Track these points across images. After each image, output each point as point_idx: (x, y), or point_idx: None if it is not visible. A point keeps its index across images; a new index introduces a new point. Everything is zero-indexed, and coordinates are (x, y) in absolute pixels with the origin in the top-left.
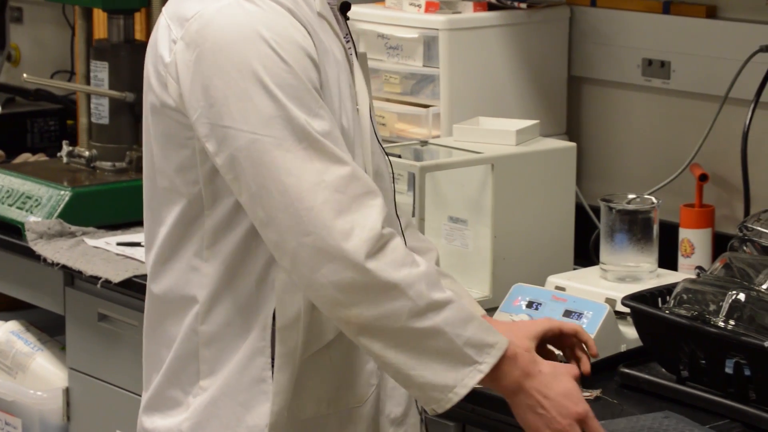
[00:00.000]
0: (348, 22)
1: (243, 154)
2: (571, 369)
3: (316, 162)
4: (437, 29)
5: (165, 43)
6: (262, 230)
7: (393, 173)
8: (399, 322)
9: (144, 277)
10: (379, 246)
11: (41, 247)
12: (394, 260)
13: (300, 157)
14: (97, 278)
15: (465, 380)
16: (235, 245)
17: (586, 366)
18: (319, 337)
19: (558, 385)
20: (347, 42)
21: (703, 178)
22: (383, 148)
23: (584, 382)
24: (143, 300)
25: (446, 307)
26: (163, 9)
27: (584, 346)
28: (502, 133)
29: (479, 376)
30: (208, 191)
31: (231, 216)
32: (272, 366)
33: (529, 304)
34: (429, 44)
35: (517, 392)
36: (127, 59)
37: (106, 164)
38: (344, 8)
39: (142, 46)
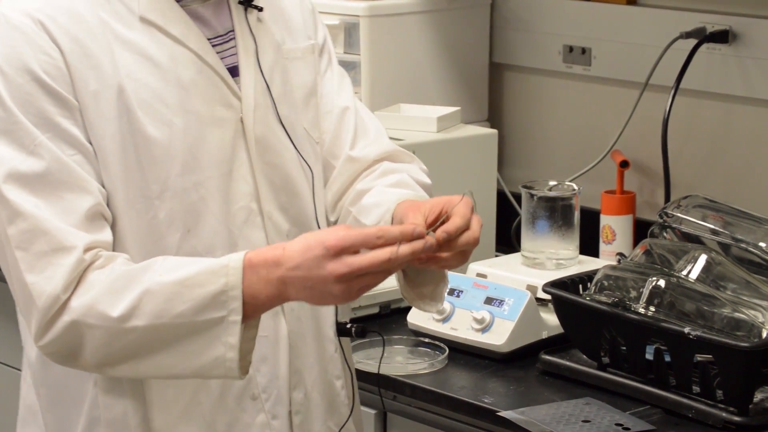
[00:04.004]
0: (257, 13)
1: None
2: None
3: (1, 212)
4: (358, 16)
5: None
6: None
7: (314, 175)
8: (115, 347)
9: None
10: (47, 316)
11: None
12: (70, 311)
13: None
14: None
15: (228, 340)
16: None
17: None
18: (166, 397)
19: (304, 244)
20: (227, 42)
21: (624, 164)
22: (299, 152)
23: None
24: None
25: (139, 309)
26: None
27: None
28: (423, 120)
29: (237, 327)
30: None
31: None
32: None
33: (451, 291)
34: (350, 31)
35: (282, 291)
36: None
37: None
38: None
39: None
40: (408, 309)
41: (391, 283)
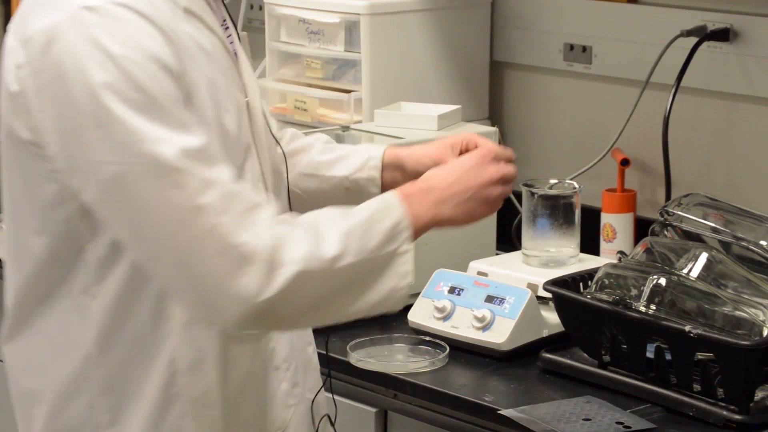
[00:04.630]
0: (229, 4)
1: (107, 188)
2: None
3: (187, 187)
4: (359, 14)
5: (11, 70)
6: (150, 271)
7: (287, 165)
8: (325, 290)
9: None
10: (270, 268)
11: None
12: (291, 262)
13: (168, 184)
14: None
15: (399, 270)
16: (123, 278)
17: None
18: (236, 371)
19: (453, 165)
20: (225, 29)
21: (625, 162)
22: (276, 140)
23: None
24: None
25: (348, 247)
26: (9, 26)
27: None
28: (424, 118)
29: (408, 256)
30: (85, 224)
31: (115, 247)
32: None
33: (452, 290)
34: (350, 29)
35: (436, 214)
36: None
37: None
38: None
39: None
40: (409, 307)
41: None
